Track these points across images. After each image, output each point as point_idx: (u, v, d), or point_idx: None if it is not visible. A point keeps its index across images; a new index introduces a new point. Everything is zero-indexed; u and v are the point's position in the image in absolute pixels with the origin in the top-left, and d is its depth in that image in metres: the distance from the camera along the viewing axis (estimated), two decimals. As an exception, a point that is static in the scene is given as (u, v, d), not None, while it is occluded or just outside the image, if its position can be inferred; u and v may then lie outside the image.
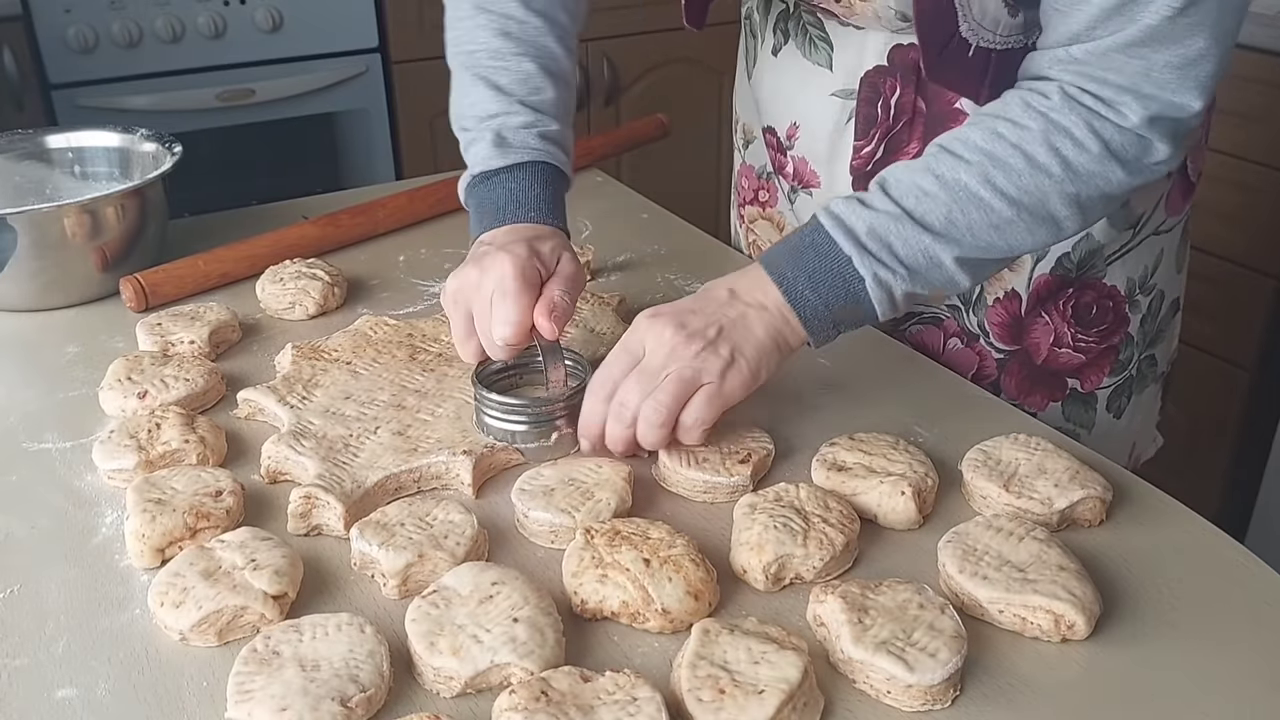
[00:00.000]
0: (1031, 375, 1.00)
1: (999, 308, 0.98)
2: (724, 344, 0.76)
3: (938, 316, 1.02)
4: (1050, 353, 0.99)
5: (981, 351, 1.01)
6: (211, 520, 0.72)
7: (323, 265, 1.09)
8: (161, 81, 2.25)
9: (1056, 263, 0.96)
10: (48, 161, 1.20)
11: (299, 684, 0.58)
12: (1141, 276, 1.00)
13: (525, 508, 0.73)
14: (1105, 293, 0.98)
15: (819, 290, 0.78)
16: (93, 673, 0.63)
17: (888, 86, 0.94)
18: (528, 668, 0.59)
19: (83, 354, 0.99)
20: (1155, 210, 0.97)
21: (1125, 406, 1.05)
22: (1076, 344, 0.99)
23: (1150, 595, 0.68)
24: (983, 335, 1.00)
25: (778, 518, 0.70)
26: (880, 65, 0.94)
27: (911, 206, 0.77)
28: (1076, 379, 1.01)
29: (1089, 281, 0.97)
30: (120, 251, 1.08)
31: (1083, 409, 1.02)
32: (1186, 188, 1.00)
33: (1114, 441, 1.04)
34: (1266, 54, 1.81)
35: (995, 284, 0.98)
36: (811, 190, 1.05)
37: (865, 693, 0.61)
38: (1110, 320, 0.99)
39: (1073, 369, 1.00)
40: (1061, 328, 0.98)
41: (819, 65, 0.98)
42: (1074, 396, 1.02)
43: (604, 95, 2.65)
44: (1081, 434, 1.03)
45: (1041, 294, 0.97)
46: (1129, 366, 1.03)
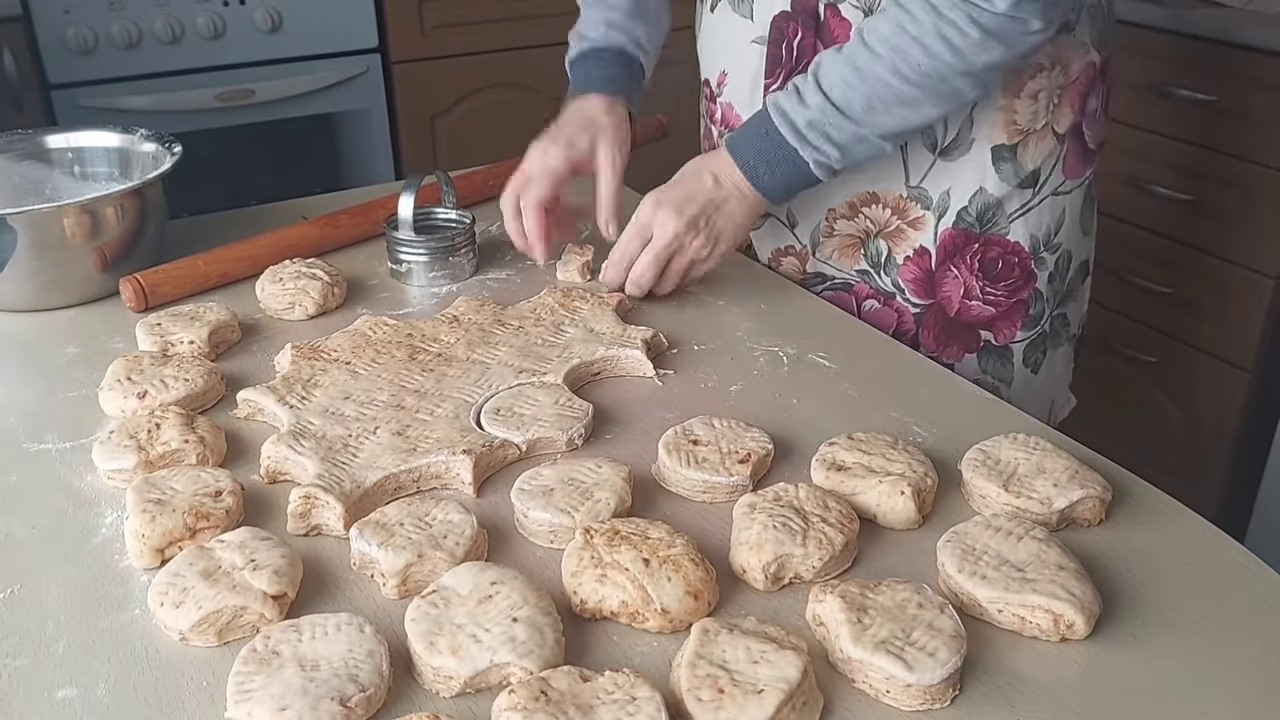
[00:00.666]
0: (946, 328, 1.10)
1: (910, 265, 1.09)
2: (714, 230, 1.01)
3: (847, 283, 1.13)
4: (962, 305, 1.09)
5: (899, 308, 1.11)
6: (211, 520, 0.72)
7: (322, 265, 1.09)
8: (161, 82, 2.25)
9: (957, 217, 1.07)
10: (48, 161, 1.20)
11: (298, 684, 0.58)
12: (1045, 235, 1.09)
13: (524, 507, 0.73)
14: (1009, 249, 1.08)
15: (774, 173, 0.99)
16: (93, 673, 0.63)
17: (790, 30, 1.06)
18: (527, 667, 0.59)
19: (82, 354, 0.99)
20: (1053, 172, 1.07)
21: (1041, 361, 1.14)
22: (985, 297, 1.09)
23: (1150, 595, 0.68)
24: (898, 292, 1.11)
25: (777, 517, 0.70)
26: (784, 10, 1.06)
27: (838, 98, 0.95)
28: (990, 331, 1.11)
29: (993, 238, 1.07)
30: (120, 252, 1.08)
31: (999, 362, 1.12)
32: (1084, 154, 1.09)
33: (1033, 397, 1.13)
34: (1267, 54, 1.81)
35: (903, 243, 1.09)
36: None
37: (864, 692, 0.61)
38: (1016, 275, 1.09)
39: (985, 321, 1.10)
40: (970, 281, 1.08)
41: (743, 16, 1.11)
42: (989, 349, 1.11)
43: (604, 95, 2.65)
44: (1001, 388, 1.12)
45: (948, 248, 1.07)
46: (1041, 322, 1.12)
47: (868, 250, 1.11)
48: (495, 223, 1.27)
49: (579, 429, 0.83)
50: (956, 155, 1.04)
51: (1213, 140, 1.92)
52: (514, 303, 1.04)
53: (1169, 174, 1.99)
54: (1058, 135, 1.05)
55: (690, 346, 0.99)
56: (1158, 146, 2.00)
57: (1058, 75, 1.02)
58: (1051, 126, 1.04)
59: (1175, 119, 1.96)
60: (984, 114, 1.03)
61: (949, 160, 1.05)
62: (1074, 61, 1.03)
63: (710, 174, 1.01)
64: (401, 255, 1.11)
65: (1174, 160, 1.98)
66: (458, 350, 0.94)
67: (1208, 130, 1.92)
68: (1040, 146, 1.05)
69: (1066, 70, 1.03)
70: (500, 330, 0.98)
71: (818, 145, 0.96)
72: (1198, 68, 1.91)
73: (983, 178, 1.05)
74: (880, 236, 1.10)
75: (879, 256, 1.10)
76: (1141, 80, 1.99)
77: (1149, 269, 2.06)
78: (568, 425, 0.83)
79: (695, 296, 1.09)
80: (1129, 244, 2.07)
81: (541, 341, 0.96)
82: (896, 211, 1.08)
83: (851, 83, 0.94)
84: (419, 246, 1.11)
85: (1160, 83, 1.96)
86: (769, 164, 0.99)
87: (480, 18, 2.49)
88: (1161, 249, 2.03)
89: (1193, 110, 1.93)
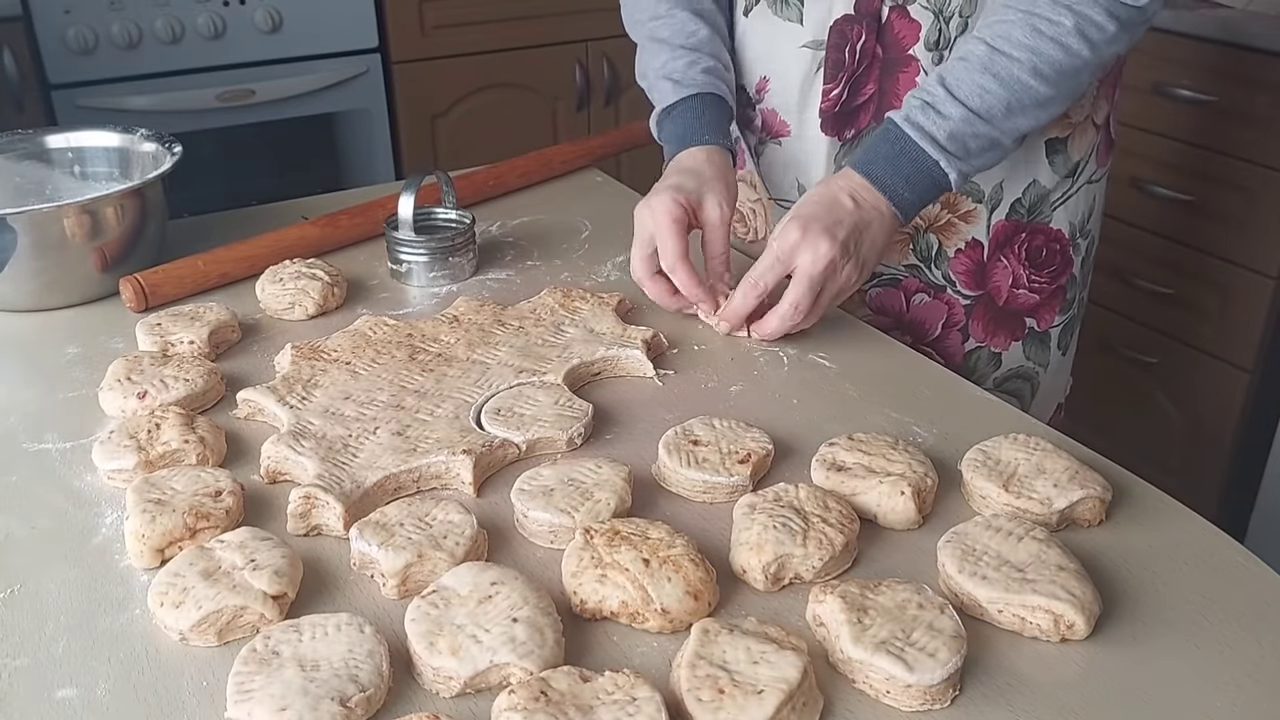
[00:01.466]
0: (996, 317, 1.13)
1: (962, 257, 1.11)
2: (860, 255, 0.95)
3: (895, 278, 1.13)
4: (1010, 294, 1.12)
5: (949, 301, 1.13)
6: (211, 520, 0.72)
7: (322, 265, 1.09)
8: (161, 82, 2.25)
9: (1010, 208, 1.09)
10: (48, 161, 1.20)
11: (299, 684, 0.58)
12: (1080, 221, 1.13)
13: (524, 508, 0.73)
14: (1053, 236, 1.11)
15: (914, 189, 0.96)
16: (93, 673, 0.63)
17: (854, 33, 1.06)
18: (527, 668, 0.59)
19: (83, 354, 0.99)
20: (1089, 160, 1.11)
21: (1069, 343, 1.19)
22: (1031, 285, 1.12)
23: (1150, 595, 0.68)
24: (949, 285, 1.12)
25: (777, 518, 0.70)
26: (848, 14, 1.06)
27: (978, 106, 0.94)
28: (1033, 318, 1.14)
29: (1039, 226, 1.10)
30: (120, 251, 1.08)
31: (1040, 348, 1.16)
32: (1110, 141, 1.14)
33: (1059, 377, 1.19)
34: (1267, 54, 1.81)
35: (954, 237, 1.10)
36: (780, 139, 1.16)
37: (864, 693, 0.61)
38: (1058, 261, 1.12)
39: (1029, 308, 1.13)
40: (1018, 270, 1.11)
41: (789, 21, 1.10)
42: (1032, 335, 1.15)
43: (604, 95, 2.65)
44: (1040, 372, 1.16)
45: (999, 239, 1.10)
46: (1073, 305, 1.17)
47: (917, 245, 1.11)
48: (496, 223, 1.28)
49: (579, 429, 0.83)
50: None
51: (1213, 140, 1.92)
52: (514, 303, 1.04)
53: (1169, 174, 1.99)
54: (1096, 126, 1.10)
55: (690, 346, 0.99)
56: (1158, 146, 2.00)
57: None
58: (1092, 118, 1.09)
59: (1175, 119, 1.96)
60: None
61: None
62: None
63: (848, 196, 0.96)
64: (402, 255, 1.11)
65: (1174, 160, 1.98)
66: (458, 350, 0.94)
67: (1208, 130, 1.92)
68: (1085, 138, 1.09)
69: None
70: (500, 330, 0.98)
71: (961, 155, 0.95)
72: (1198, 68, 1.91)
73: (1036, 170, 1.08)
74: (931, 231, 1.10)
75: (929, 250, 1.11)
76: (1142, 80, 1.99)
77: (1150, 269, 2.06)
78: (567, 425, 0.83)
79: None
80: (1130, 244, 2.07)
81: (541, 342, 0.96)
82: (947, 205, 1.09)
83: (991, 89, 0.94)
84: (419, 247, 1.11)
85: (1160, 83, 1.96)
86: (908, 180, 0.96)
87: (480, 18, 2.50)
88: (1162, 249, 2.03)
89: (1193, 110, 1.93)
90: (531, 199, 1.36)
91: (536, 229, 1.26)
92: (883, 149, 0.97)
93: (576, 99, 2.63)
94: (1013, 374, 1.15)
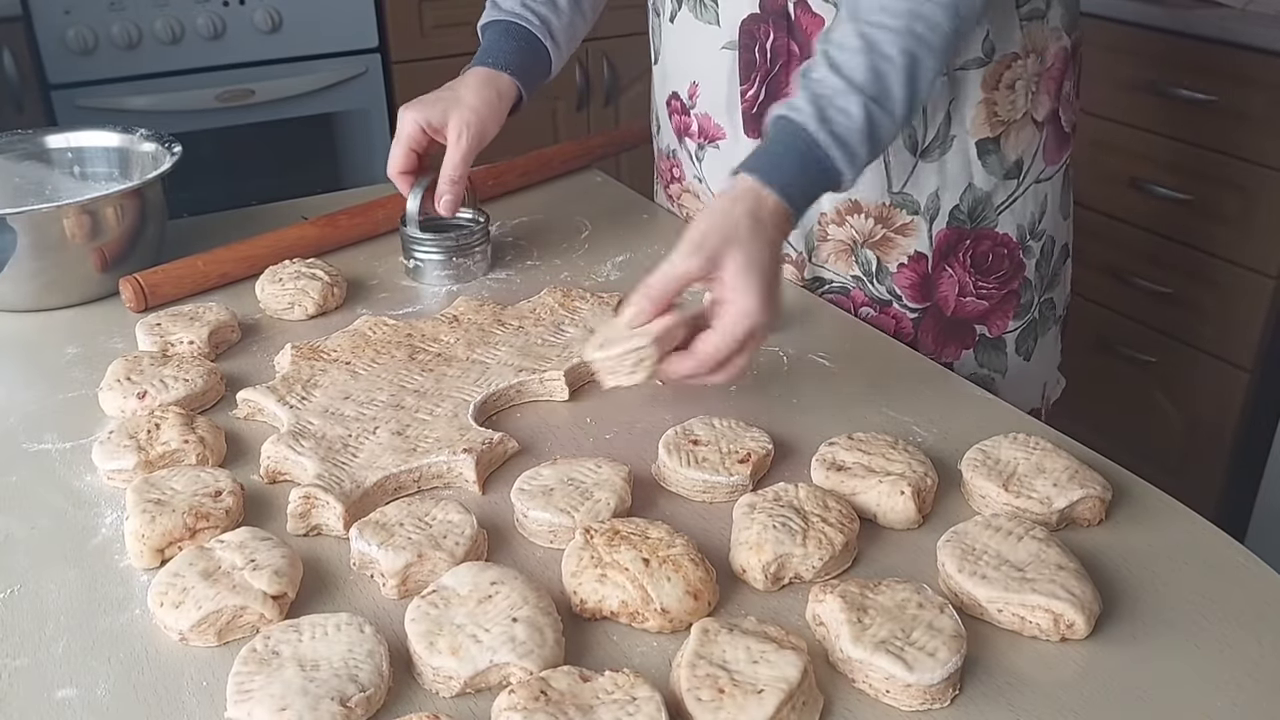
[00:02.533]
0: (944, 328, 1.09)
1: (906, 271, 1.07)
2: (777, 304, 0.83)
3: (845, 287, 1.11)
4: (958, 303, 1.09)
5: (896, 315, 1.09)
6: (211, 520, 0.72)
7: (322, 265, 1.09)
8: (161, 82, 2.25)
9: (950, 216, 1.05)
10: (47, 161, 1.20)
11: (298, 684, 0.58)
12: (1030, 223, 1.08)
13: (524, 507, 0.73)
14: (999, 240, 1.07)
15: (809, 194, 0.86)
16: (93, 673, 0.63)
17: (761, 32, 1.03)
18: (527, 667, 0.59)
19: (82, 354, 0.99)
20: (1034, 159, 1.06)
21: (1033, 348, 1.14)
22: (979, 292, 1.08)
23: (1150, 595, 0.68)
24: (894, 300, 1.09)
25: (777, 517, 0.70)
26: (754, 13, 1.03)
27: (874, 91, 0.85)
28: (984, 325, 1.10)
29: (983, 232, 1.06)
30: (120, 252, 1.08)
31: (994, 354, 1.12)
32: (1061, 138, 1.08)
33: (1027, 383, 1.15)
34: (1267, 54, 1.81)
35: (896, 251, 1.07)
36: (718, 142, 1.13)
37: (864, 692, 0.61)
38: (1007, 266, 1.08)
39: (979, 315, 1.10)
40: (964, 278, 1.08)
41: (709, 23, 1.08)
42: (984, 342, 1.11)
43: (604, 95, 2.65)
44: (996, 378, 1.13)
45: (943, 249, 1.06)
46: (1031, 309, 1.12)
47: (858, 258, 1.09)
48: (496, 223, 1.27)
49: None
50: (937, 154, 1.03)
51: (1213, 140, 1.92)
52: (514, 303, 1.04)
53: (1169, 174, 1.99)
54: (1037, 123, 1.05)
55: (690, 346, 0.99)
56: (1158, 146, 2.00)
57: (1034, 63, 1.02)
58: (1031, 115, 1.04)
59: (1175, 119, 1.96)
60: (963, 109, 1.02)
61: (930, 161, 1.03)
62: (1048, 48, 1.03)
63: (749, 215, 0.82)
64: (415, 252, 1.11)
65: (1174, 160, 1.98)
66: (457, 350, 0.94)
67: (1208, 130, 1.92)
68: (1021, 136, 1.04)
69: (1041, 58, 1.02)
70: (500, 330, 0.98)
71: (856, 159, 0.86)
72: (1198, 68, 1.91)
73: (970, 173, 1.04)
74: (867, 246, 1.08)
75: (869, 265, 1.08)
76: (1142, 80, 1.99)
77: (1149, 269, 2.05)
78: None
79: (697, 297, 1.08)
80: (1129, 244, 2.07)
81: (541, 341, 0.96)
82: (881, 220, 1.06)
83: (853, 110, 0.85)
84: (433, 245, 1.11)
85: (1160, 83, 1.96)
86: (805, 190, 0.85)
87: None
88: (1162, 249, 2.03)
89: (1193, 110, 1.93)
90: (531, 199, 1.36)
91: (536, 229, 1.26)
92: (781, 148, 0.85)
93: (576, 99, 2.63)
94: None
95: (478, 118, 1.07)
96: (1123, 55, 2.02)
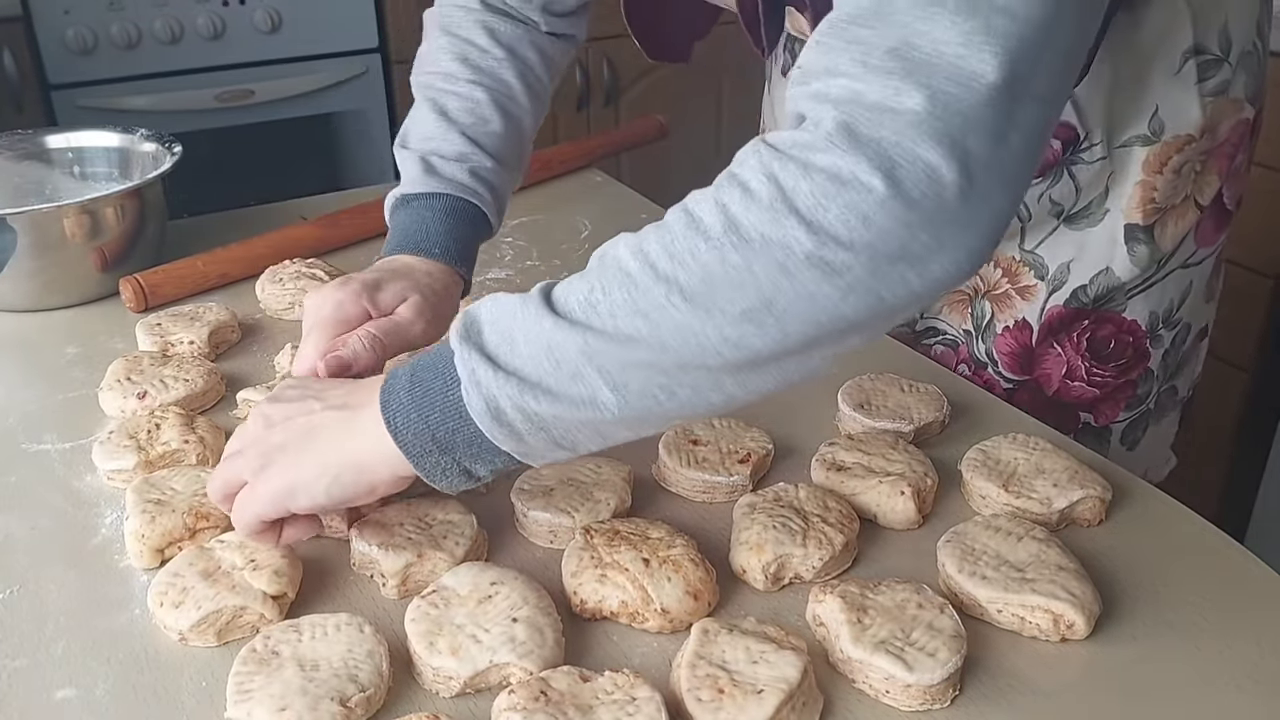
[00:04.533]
0: (1042, 406, 0.94)
1: (1008, 336, 0.94)
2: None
3: (955, 340, 0.99)
4: (1062, 385, 0.94)
5: (989, 380, 0.97)
6: (211, 520, 0.72)
7: (322, 265, 1.09)
8: (161, 82, 2.25)
9: (1071, 295, 0.91)
10: (48, 161, 1.20)
11: (298, 684, 0.58)
12: (1166, 310, 0.92)
13: (524, 507, 0.73)
14: (1124, 327, 0.92)
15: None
16: (92, 673, 0.63)
17: None
18: (527, 667, 0.59)
19: (82, 354, 0.99)
20: (1183, 243, 0.90)
21: (1140, 439, 0.99)
22: (1091, 378, 0.93)
23: (1150, 595, 0.68)
24: (990, 364, 0.96)
25: (777, 517, 0.70)
26: None
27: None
28: (1090, 413, 0.95)
29: (1107, 314, 0.91)
30: (120, 251, 1.08)
31: (1095, 442, 0.96)
32: (1222, 217, 0.92)
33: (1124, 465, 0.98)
34: (1266, 54, 1.81)
35: (1007, 311, 0.94)
36: None
37: (864, 692, 0.60)
38: (1129, 355, 0.93)
39: (1086, 403, 0.95)
40: (1075, 360, 0.93)
41: None
42: (1087, 429, 0.96)
43: (604, 95, 2.65)
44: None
45: (1054, 325, 0.92)
46: (1147, 400, 0.97)
47: (974, 309, 0.97)
48: (495, 223, 1.28)
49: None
50: (1084, 225, 0.89)
51: (1212, 140, 1.92)
52: (514, 303, 1.03)
53: (1169, 174, 1.99)
54: (1199, 207, 0.89)
55: (690, 346, 0.99)
56: (1158, 146, 2.00)
57: (1205, 142, 0.86)
58: (1194, 198, 0.88)
59: (1175, 119, 1.96)
60: (1119, 187, 0.87)
61: (1074, 228, 0.89)
62: (1224, 122, 0.86)
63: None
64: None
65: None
66: (457, 350, 0.94)
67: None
68: (1181, 223, 0.89)
69: (1214, 134, 0.86)
70: (500, 330, 0.97)
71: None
72: (1198, 68, 1.91)
73: (1110, 257, 0.89)
74: (986, 298, 0.95)
75: (982, 318, 0.95)
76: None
77: (1149, 269, 2.06)
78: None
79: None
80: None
81: (541, 341, 0.96)
82: (1008, 274, 0.93)
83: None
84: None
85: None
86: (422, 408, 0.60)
87: (480, 18, 2.49)
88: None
89: (1193, 110, 1.93)
90: (531, 199, 1.36)
91: (536, 229, 1.26)
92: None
93: (576, 99, 2.63)
94: None
95: (436, 302, 0.81)
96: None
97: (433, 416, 0.59)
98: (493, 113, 0.89)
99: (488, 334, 0.58)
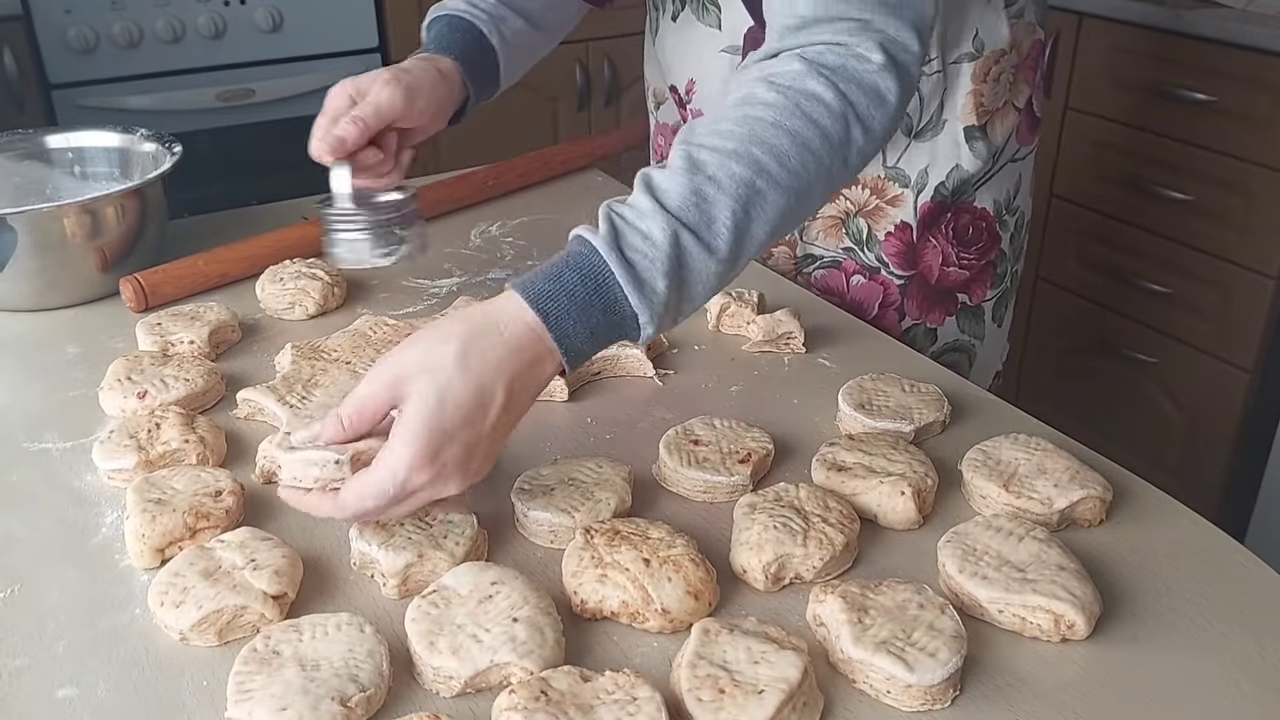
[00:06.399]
0: (929, 295, 1.15)
1: (892, 240, 1.13)
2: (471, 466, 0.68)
3: (836, 260, 1.16)
4: (941, 272, 1.14)
5: (884, 281, 1.14)
6: (211, 520, 0.72)
7: (323, 265, 1.09)
8: (161, 81, 2.25)
9: (934, 191, 1.11)
10: (48, 161, 1.20)
11: (299, 683, 0.58)
12: (1005, 199, 1.15)
13: (525, 507, 0.73)
14: (978, 215, 1.14)
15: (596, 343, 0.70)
16: (93, 673, 0.63)
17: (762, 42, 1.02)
18: (527, 667, 0.59)
19: (83, 354, 0.99)
20: (1009, 141, 1.13)
21: (1004, 315, 1.23)
22: (961, 262, 1.15)
23: (1150, 595, 0.68)
24: (882, 267, 1.14)
25: (777, 517, 0.70)
26: (753, 25, 1.05)
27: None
28: (965, 294, 1.17)
29: (963, 206, 1.13)
30: (120, 251, 1.08)
31: (974, 321, 1.19)
32: (1033, 122, 1.16)
33: (995, 348, 1.23)
34: (1266, 54, 1.81)
35: (883, 220, 1.12)
36: None
37: (865, 692, 0.61)
38: (985, 239, 1.15)
39: (960, 284, 1.16)
40: (947, 249, 1.13)
41: (710, 26, 1.10)
42: (964, 309, 1.18)
43: (604, 95, 2.65)
44: (976, 344, 1.20)
45: (926, 220, 1.12)
46: (1004, 279, 1.20)
47: (849, 229, 1.14)
48: (496, 223, 1.28)
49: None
50: (929, 135, 1.09)
51: (1213, 140, 1.92)
52: (514, 303, 1.03)
53: (1169, 174, 1.99)
54: (1016, 109, 1.12)
55: (690, 346, 0.99)
56: (1158, 146, 2.00)
57: (1013, 56, 1.09)
58: (1011, 102, 1.11)
59: (1175, 119, 1.96)
60: (955, 98, 1.08)
61: (923, 141, 1.09)
62: (1024, 41, 1.10)
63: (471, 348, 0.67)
64: (335, 230, 0.96)
65: (1174, 160, 1.98)
66: (458, 350, 0.94)
67: (1208, 130, 1.92)
68: (1005, 122, 1.11)
69: (1019, 49, 1.09)
70: (500, 330, 0.98)
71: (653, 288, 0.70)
72: (1198, 68, 1.91)
73: (957, 156, 1.09)
74: (860, 215, 1.13)
75: (860, 234, 1.13)
76: (1142, 80, 1.99)
77: (1149, 269, 2.05)
78: None
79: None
80: (1130, 244, 2.07)
81: (542, 341, 0.96)
82: (875, 191, 1.11)
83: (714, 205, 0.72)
84: (350, 220, 0.95)
85: (1160, 83, 1.96)
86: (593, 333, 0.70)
87: (480, 18, 2.49)
88: (1161, 249, 2.03)
89: (1193, 110, 1.93)
90: (531, 199, 1.36)
91: (536, 229, 1.26)
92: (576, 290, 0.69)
93: (577, 99, 2.63)
94: (949, 347, 1.18)
95: (410, 76, 0.96)
96: (1124, 55, 2.02)
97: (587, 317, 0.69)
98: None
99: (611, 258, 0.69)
